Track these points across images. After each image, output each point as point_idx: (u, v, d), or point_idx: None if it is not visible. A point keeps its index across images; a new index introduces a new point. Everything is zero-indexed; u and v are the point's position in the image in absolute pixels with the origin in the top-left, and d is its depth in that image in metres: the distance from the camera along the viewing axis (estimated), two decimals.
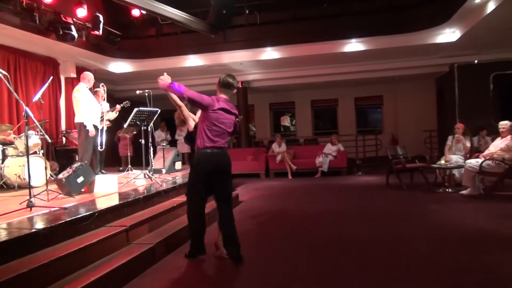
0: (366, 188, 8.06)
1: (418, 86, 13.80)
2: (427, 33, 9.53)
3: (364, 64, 11.72)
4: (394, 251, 3.87)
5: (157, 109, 6.23)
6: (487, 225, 4.63)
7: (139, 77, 12.20)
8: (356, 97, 14.99)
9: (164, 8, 8.44)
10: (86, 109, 5.99)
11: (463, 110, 10.89)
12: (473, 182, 6.47)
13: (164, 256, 3.87)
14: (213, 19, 9.93)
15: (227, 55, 10.82)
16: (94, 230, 3.64)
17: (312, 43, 10.19)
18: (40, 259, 2.83)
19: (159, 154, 7.44)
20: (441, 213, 5.44)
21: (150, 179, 5.91)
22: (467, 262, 3.45)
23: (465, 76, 10.97)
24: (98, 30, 8.28)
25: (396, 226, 4.86)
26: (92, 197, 4.71)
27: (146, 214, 4.36)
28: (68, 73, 9.51)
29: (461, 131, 7.53)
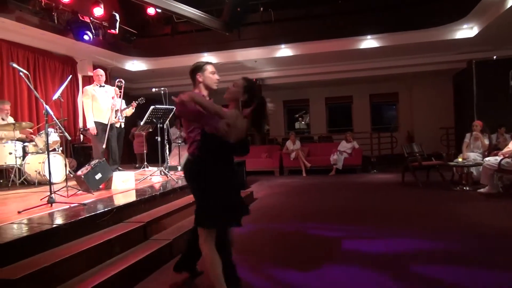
0: (381, 186, 8.00)
1: (435, 82, 13.59)
2: (444, 29, 9.39)
3: (379, 61, 11.59)
4: (410, 250, 3.84)
5: (173, 107, 6.28)
6: (506, 224, 4.55)
7: (154, 75, 12.33)
8: (371, 94, 14.85)
9: (179, 6, 8.50)
10: (88, 109, 6.26)
11: (481, 107, 10.69)
12: (491, 180, 6.37)
13: (181, 252, 3.90)
14: (228, 17, 9.94)
15: (242, 52, 10.84)
16: (112, 226, 3.70)
17: (326, 40, 10.13)
18: (62, 253, 2.89)
19: (175, 151, 7.51)
20: (459, 212, 5.37)
21: (166, 176, 5.98)
22: (484, 261, 3.40)
23: (483, 72, 10.74)
24: (114, 28, 8.38)
25: (410, 224, 4.81)
26: (110, 193, 4.79)
27: (162, 211, 4.41)
28: (85, 71, 9.67)
29: (479, 128, 7.40)
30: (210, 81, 2.97)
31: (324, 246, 4.07)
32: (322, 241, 4.26)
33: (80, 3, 7.82)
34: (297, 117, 17.54)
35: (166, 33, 11.38)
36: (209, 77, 2.97)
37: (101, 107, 6.44)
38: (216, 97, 3.01)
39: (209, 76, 2.97)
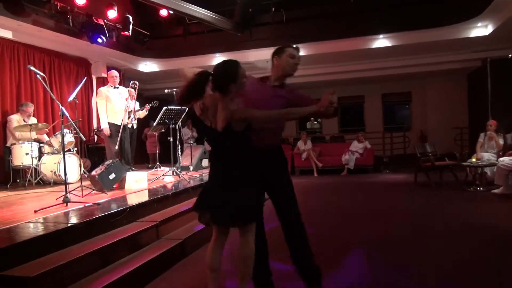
0: (393, 186, 7.95)
1: (449, 81, 13.42)
2: (458, 28, 9.25)
3: (392, 60, 11.49)
4: (424, 251, 3.82)
5: (185, 107, 6.35)
6: None
7: (167, 76, 12.43)
8: (384, 94, 14.74)
9: (191, 8, 8.57)
10: (102, 110, 6.39)
11: (496, 107, 10.51)
12: (506, 180, 6.27)
13: (193, 251, 3.96)
14: (239, 17, 9.98)
15: (253, 53, 10.87)
16: (126, 225, 3.77)
17: (338, 40, 10.09)
18: (77, 252, 2.96)
19: (187, 152, 7.58)
20: (472, 212, 5.31)
21: (178, 176, 6.05)
22: (498, 262, 3.37)
23: (499, 71, 10.57)
24: (127, 30, 8.49)
25: (425, 225, 4.78)
26: (123, 193, 4.87)
27: (175, 210, 4.47)
28: (99, 73, 9.82)
29: (494, 128, 7.31)
30: (285, 64, 2.72)
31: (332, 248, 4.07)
32: (329, 242, 4.27)
33: (94, 6, 7.94)
34: None
35: (178, 34, 11.47)
36: (285, 60, 2.72)
37: (115, 108, 6.55)
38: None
39: (286, 59, 2.72)
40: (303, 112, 2.45)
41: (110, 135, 6.50)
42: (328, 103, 2.29)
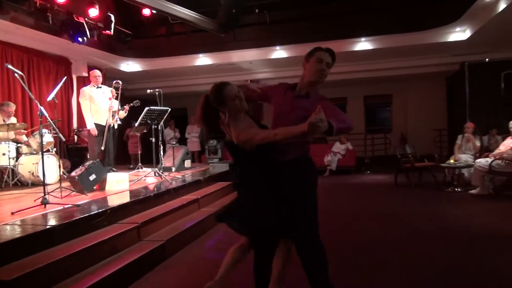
0: (374, 187, 8.07)
1: (428, 84, 13.69)
2: (438, 32, 9.46)
3: (373, 63, 11.66)
4: (402, 251, 3.89)
5: (167, 108, 6.31)
6: (496, 225, 4.62)
7: (149, 76, 12.33)
8: (365, 96, 14.93)
9: (174, 8, 8.52)
10: (87, 111, 6.29)
11: (474, 109, 10.80)
12: (482, 181, 6.45)
13: (174, 253, 3.94)
14: (223, 18, 9.98)
15: (237, 54, 10.87)
16: (106, 227, 3.72)
17: (321, 42, 10.07)
18: (55, 255, 2.91)
19: (169, 152, 7.52)
20: (450, 213, 5.43)
21: (160, 177, 6.00)
22: (474, 262, 3.46)
23: (476, 74, 10.87)
24: (109, 29, 8.38)
25: (404, 226, 4.87)
26: (104, 194, 4.80)
27: (156, 212, 4.43)
28: (80, 72, 9.66)
29: (471, 130, 7.49)
30: (309, 70, 2.45)
31: None
32: None
33: (75, 4, 7.81)
34: None
35: (161, 34, 11.40)
36: (311, 66, 2.44)
37: (98, 109, 6.45)
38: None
39: (312, 64, 2.44)
40: (293, 132, 2.16)
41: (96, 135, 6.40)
42: (310, 122, 1.99)
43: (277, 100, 2.55)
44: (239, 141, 2.33)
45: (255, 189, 2.42)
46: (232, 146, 2.40)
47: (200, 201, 5.38)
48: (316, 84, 2.48)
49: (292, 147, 2.41)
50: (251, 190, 2.44)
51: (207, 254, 3.98)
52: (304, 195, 2.42)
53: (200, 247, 4.21)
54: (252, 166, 2.42)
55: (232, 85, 2.40)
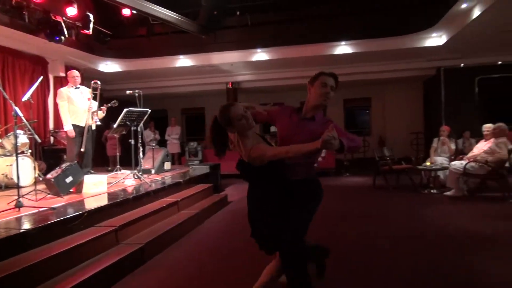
0: (353, 189, 8.17)
1: (406, 88, 13.99)
2: (415, 37, 9.68)
3: (353, 66, 11.84)
4: (378, 251, 3.96)
5: (147, 109, 6.24)
6: (470, 226, 4.75)
7: (129, 76, 12.18)
8: (345, 99, 15.13)
9: (155, 8, 8.44)
10: (65, 112, 6.17)
11: (449, 113, 11.11)
12: (457, 183, 6.62)
13: (153, 256, 3.90)
14: (204, 19, 9.96)
15: (218, 56, 10.85)
16: (83, 230, 3.65)
17: (302, 45, 10.28)
18: (29, 259, 2.84)
19: (149, 154, 7.43)
20: (426, 214, 5.55)
21: (139, 179, 5.93)
22: (450, 261, 3.55)
23: (451, 79, 11.18)
24: (88, 29, 8.23)
25: (381, 227, 4.95)
26: (81, 197, 4.71)
27: (135, 214, 4.38)
28: (57, 72, 9.45)
29: (446, 133, 7.68)
30: (314, 93, 2.55)
31: None
32: None
33: (52, 2, 7.64)
34: None
35: (142, 34, 11.28)
36: (315, 89, 2.55)
37: (77, 109, 6.33)
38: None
39: (317, 88, 2.55)
40: (304, 149, 2.27)
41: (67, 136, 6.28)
42: (324, 139, 2.10)
43: (282, 123, 2.64)
44: (249, 157, 2.41)
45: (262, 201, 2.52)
46: (242, 164, 2.53)
47: (179, 203, 5.35)
48: (321, 107, 2.58)
49: (299, 166, 2.53)
50: (259, 201, 2.54)
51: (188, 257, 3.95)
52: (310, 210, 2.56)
53: (180, 250, 4.18)
54: (262, 180, 2.51)
55: (237, 105, 2.47)
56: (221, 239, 4.65)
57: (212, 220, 5.67)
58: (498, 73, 10.95)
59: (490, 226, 4.69)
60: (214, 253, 4.05)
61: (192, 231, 4.96)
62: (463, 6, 7.64)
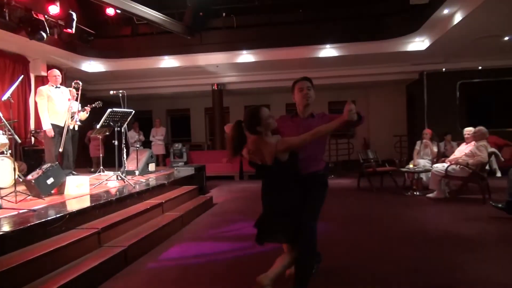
0: (338, 190, 8.22)
1: (390, 92, 14.19)
2: (399, 41, 9.82)
3: (338, 70, 11.95)
4: (362, 252, 3.99)
5: (131, 110, 6.17)
6: (452, 227, 4.83)
7: (112, 77, 12.03)
8: (330, 102, 15.25)
9: (139, 8, 8.36)
10: (44, 111, 6.01)
11: (432, 116, 11.30)
12: (439, 185, 6.73)
13: (136, 259, 3.85)
14: (190, 20, 9.91)
15: (203, 57, 10.81)
16: (64, 232, 3.58)
17: (287, 48, 10.32)
18: (8, 262, 2.77)
19: (133, 156, 7.35)
20: (409, 215, 5.63)
21: (123, 181, 5.85)
22: (432, 262, 3.60)
23: (434, 83, 11.39)
24: (71, 28, 8.09)
25: (365, 228, 5.00)
26: (63, 199, 4.62)
27: (118, 216, 4.31)
28: (38, 71, 9.26)
29: (429, 136, 7.81)
30: (297, 99, 3.05)
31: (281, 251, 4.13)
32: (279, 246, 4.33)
33: (34, 0, 7.50)
34: None
35: (126, 34, 11.15)
36: (296, 96, 3.06)
37: (57, 109, 6.21)
38: None
39: (297, 94, 3.05)
40: (331, 127, 2.70)
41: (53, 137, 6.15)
42: (348, 112, 2.55)
43: (287, 126, 2.99)
44: (276, 152, 2.67)
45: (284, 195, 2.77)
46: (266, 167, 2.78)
47: (164, 205, 5.29)
48: (309, 106, 3.02)
49: (313, 161, 2.96)
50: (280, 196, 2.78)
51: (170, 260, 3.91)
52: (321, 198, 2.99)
53: (164, 252, 4.13)
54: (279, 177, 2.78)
55: (264, 108, 2.81)
56: (206, 241, 4.62)
57: (197, 221, 5.63)
58: (479, 78, 11.21)
59: (471, 228, 4.77)
60: (198, 256, 4.02)
61: (177, 233, 4.91)
62: (445, 12, 7.79)
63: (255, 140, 2.76)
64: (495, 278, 3.17)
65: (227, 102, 14.22)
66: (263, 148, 2.74)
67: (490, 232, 4.60)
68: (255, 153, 2.81)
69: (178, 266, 3.71)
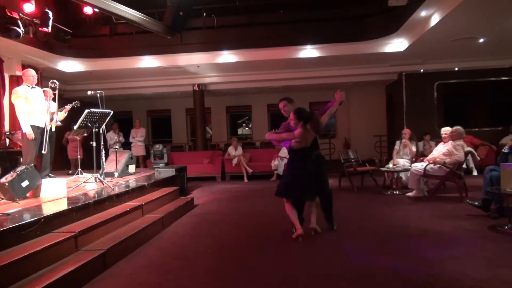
0: None
1: (370, 92, 14.38)
2: (378, 42, 9.97)
3: (318, 70, 12.05)
4: (342, 251, 4.01)
5: (110, 110, 6.05)
6: (430, 225, 4.91)
7: (91, 77, 11.81)
8: (311, 102, 15.33)
9: (118, 7, 8.22)
10: (22, 112, 5.82)
11: (410, 116, 11.50)
12: (418, 184, 6.84)
13: (115, 262, 3.77)
14: (170, 20, 9.79)
15: (184, 57, 10.72)
16: (40, 236, 3.48)
17: (268, 48, 10.33)
18: None
19: (112, 157, 7.22)
20: (389, 214, 5.69)
21: (102, 183, 5.73)
22: (411, 259, 3.65)
23: (412, 84, 11.60)
24: (47, 26, 7.87)
25: (346, 227, 5.02)
26: (38, 202, 4.49)
27: (96, 219, 4.21)
28: (13, 70, 8.99)
29: (408, 136, 7.91)
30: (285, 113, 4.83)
31: (263, 252, 4.12)
32: (262, 247, 4.31)
33: None
34: (241, 123, 17.67)
35: (104, 33, 10.95)
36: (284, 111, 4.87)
37: (35, 110, 6.01)
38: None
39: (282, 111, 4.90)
40: (331, 111, 4.77)
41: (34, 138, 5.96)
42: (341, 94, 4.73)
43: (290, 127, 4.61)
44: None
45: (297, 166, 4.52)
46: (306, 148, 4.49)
47: (144, 207, 5.21)
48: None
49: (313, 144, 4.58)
50: (295, 168, 4.54)
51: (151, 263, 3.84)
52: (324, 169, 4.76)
53: (143, 255, 4.06)
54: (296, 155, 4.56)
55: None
56: (187, 243, 4.56)
57: (178, 223, 5.56)
58: (455, 78, 11.47)
59: (449, 225, 4.86)
60: (179, 258, 3.96)
61: (157, 235, 4.84)
62: (422, 14, 7.94)
63: (302, 131, 4.37)
64: (471, 273, 3.23)
65: (209, 103, 14.16)
66: (308, 135, 4.41)
67: (467, 229, 4.69)
68: (302, 140, 4.39)
69: (159, 269, 3.65)
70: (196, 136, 13.57)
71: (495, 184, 4.94)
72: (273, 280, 3.29)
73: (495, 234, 4.43)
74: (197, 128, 13.30)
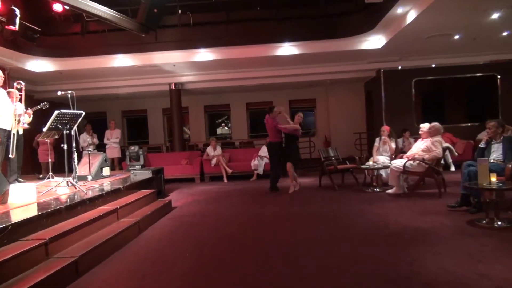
0: (300, 190, 8.19)
1: (349, 89, 14.45)
2: (356, 40, 9.98)
3: (297, 68, 12.00)
4: (324, 250, 3.94)
5: (82, 111, 5.80)
6: (410, 222, 4.90)
7: (62, 77, 11.41)
8: (291, 100, 15.33)
9: (89, 4, 7.93)
10: None
11: (389, 113, 11.61)
12: (398, 181, 6.85)
13: (89, 269, 3.58)
14: (143, 17, 9.52)
15: (159, 55, 10.48)
16: (7, 245, 3.27)
17: (246, 46, 10.21)
18: None
19: (85, 160, 6.95)
20: (369, 212, 5.67)
21: (74, 187, 5.48)
22: (391, 256, 3.61)
23: (390, 81, 11.71)
24: (14, 25, 7.52)
25: (327, 226, 4.97)
26: (6, 208, 4.25)
27: (68, 225, 4.00)
28: None
29: (387, 133, 7.92)
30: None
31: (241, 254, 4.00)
32: (240, 249, 4.19)
33: None
34: (220, 122, 17.49)
35: (76, 32, 10.59)
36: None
37: (2, 112, 5.73)
38: None
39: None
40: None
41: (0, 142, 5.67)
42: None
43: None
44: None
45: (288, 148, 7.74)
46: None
47: (119, 211, 5.00)
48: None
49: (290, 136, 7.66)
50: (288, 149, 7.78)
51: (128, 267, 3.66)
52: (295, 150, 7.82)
53: (119, 261, 3.87)
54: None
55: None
56: (164, 246, 4.40)
57: (155, 227, 5.38)
58: (433, 75, 11.64)
59: (429, 221, 4.85)
60: (156, 262, 3.80)
61: (133, 240, 4.66)
62: (398, 11, 7.99)
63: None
64: (451, 268, 3.22)
65: (186, 102, 13.94)
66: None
67: (446, 224, 4.69)
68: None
69: (135, 275, 3.48)
70: (173, 136, 13.32)
71: (473, 179, 4.98)
72: (252, 281, 3.18)
73: (473, 229, 4.44)
74: (174, 128, 13.06)
